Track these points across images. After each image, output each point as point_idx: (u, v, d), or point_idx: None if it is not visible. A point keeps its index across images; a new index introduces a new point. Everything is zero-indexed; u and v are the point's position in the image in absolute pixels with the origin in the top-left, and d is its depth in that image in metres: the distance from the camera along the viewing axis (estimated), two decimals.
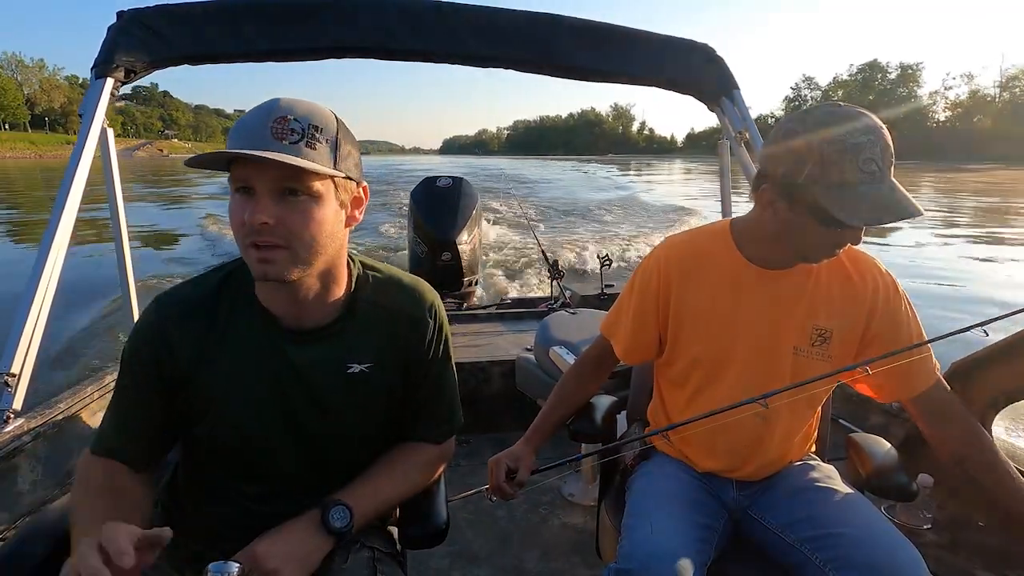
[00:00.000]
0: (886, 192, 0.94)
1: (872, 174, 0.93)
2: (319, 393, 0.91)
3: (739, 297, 1.14)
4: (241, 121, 0.79)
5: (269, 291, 0.88)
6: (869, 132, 0.94)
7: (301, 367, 0.89)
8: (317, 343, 0.90)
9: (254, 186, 0.77)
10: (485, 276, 6.30)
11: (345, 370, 0.92)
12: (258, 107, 0.79)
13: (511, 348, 2.93)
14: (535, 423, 1.31)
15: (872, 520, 1.03)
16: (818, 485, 1.13)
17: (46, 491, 1.58)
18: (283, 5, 2.13)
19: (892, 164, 0.95)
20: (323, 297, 0.89)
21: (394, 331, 0.96)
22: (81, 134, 1.95)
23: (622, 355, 1.28)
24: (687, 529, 1.06)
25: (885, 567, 0.94)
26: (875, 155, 0.93)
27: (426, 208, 4.11)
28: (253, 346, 0.88)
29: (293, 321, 0.89)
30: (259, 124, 0.76)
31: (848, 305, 1.11)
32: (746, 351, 1.14)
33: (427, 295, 1.00)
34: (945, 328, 1.09)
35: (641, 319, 1.22)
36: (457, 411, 1.08)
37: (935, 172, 44.89)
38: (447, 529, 1.00)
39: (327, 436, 0.94)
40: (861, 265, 1.13)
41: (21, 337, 1.66)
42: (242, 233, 0.78)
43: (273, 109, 0.77)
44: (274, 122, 0.76)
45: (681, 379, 1.22)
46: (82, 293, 6.40)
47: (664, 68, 2.41)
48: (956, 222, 15.21)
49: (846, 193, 0.93)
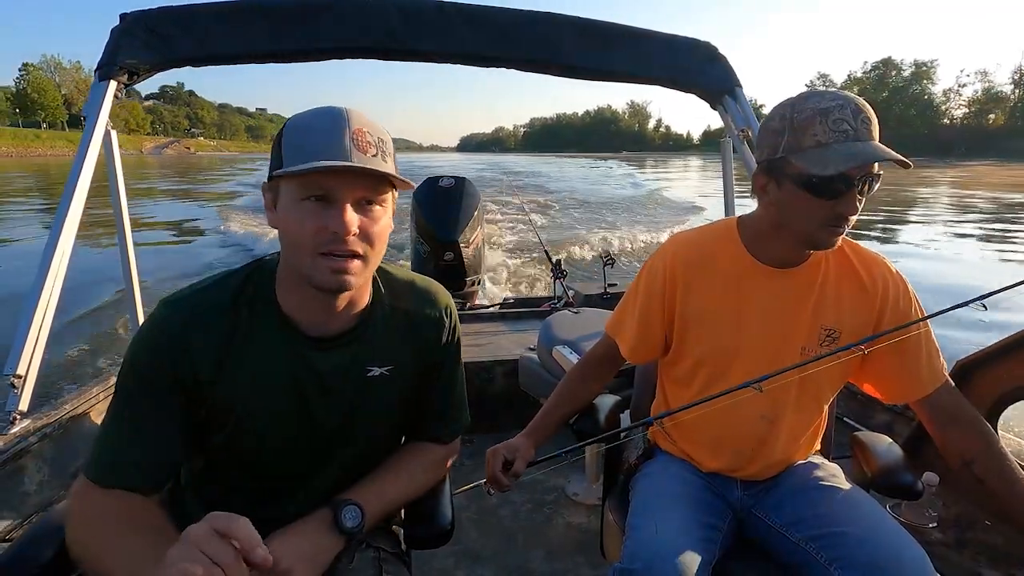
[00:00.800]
0: (860, 145, 0.95)
1: (845, 132, 0.95)
2: (339, 397, 0.91)
3: (745, 296, 1.13)
4: (310, 129, 0.77)
5: (304, 299, 0.85)
6: (837, 98, 0.96)
7: (323, 373, 0.89)
8: (339, 349, 0.90)
9: (337, 196, 0.76)
10: (489, 274, 6.31)
11: (365, 374, 0.92)
12: (324, 115, 0.78)
13: (514, 348, 2.93)
14: (536, 419, 1.30)
15: (877, 519, 1.03)
16: (823, 484, 1.13)
17: (52, 492, 1.59)
18: (284, 7, 2.13)
19: (871, 127, 0.95)
20: (353, 304, 0.89)
21: (412, 333, 0.97)
22: (85, 136, 1.96)
23: (628, 354, 1.27)
24: (692, 529, 1.05)
25: (890, 566, 0.93)
26: (845, 116, 0.95)
27: (429, 208, 4.12)
28: (275, 353, 0.86)
29: (317, 328, 0.88)
30: (339, 135, 0.75)
31: (857, 306, 1.10)
32: (752, 351, 1.13)
33: (442, 296, 1.02)
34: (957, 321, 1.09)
35: (647, 318, 1.21)
36: (465, 410, 1.09)
37: (942, 168, 44.99)
38: (452, 529, 1.00)
39: (342, 438, 0.94)
40: (871, 266, 1.12)
41: (27, 339, 1.67)
42: (316, 241, 0.76)
43: (346, 119, 0.77)
44: (354, 133, 0.76)
45: (686, 378, 1.21)
46: (88, 294, 6.44)
47: (666, 67, 2.41)
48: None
49: (821, 152, 0.95)
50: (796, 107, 0.98)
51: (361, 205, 0.78)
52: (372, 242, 0.80)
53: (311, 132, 0.77)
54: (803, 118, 0.97)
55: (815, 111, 0.96)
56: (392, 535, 1.07)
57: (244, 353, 0.85)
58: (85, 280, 6.71)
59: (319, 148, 0.75)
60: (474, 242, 4.12)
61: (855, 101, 0.97)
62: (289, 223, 0.77)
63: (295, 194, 0.77)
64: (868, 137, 0.95)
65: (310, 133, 0.76)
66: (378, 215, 0.80)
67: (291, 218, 0.77)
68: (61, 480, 1.62)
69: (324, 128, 0.76)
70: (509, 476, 1.17)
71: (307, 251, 0.77)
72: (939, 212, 17.63)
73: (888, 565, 0.93)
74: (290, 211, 0.77)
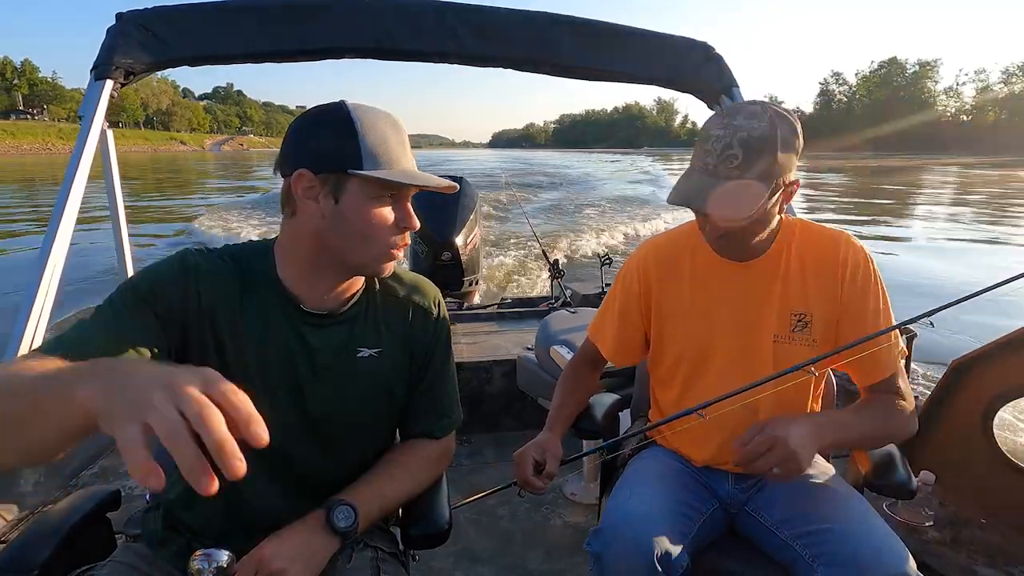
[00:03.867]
0: (694, 180, 1.01)
1: (705, 165, 1.00)
2: (327, 374, 0.93)
3: (713, 293, 1.17)
4: (386, 139, 0.85)
5: (302, 274, 0.91)
6: (726, 128, 0.98)
7: (316, 349, 0.92)
8: (332, 326, 0.94)
9: (406, 197, 0.89)
10: (485, 275, 6.30)
11: (356, 353, 0.96)
12: (389, 123, 0.87)
13: (512, 348, 2.93)
14: (551, 415, 1.31)
15: (863, 517, 1.03)
16: (812, 482, 1.13)
17: (48, 492, 1.58)
18: (281, 6, 2.13)
19: (734, 163, 0.97)
20: (350, 284, 0.95)
21: (403, 318, 1.01)
22: (81, 135, 1.95)
23: (610, 357, 1.31)
24: (667, 502, 1.08)
25: (870, 563, 0.94)
26: (715, 148, 0.98)
27: (425, 208, 4.10)
28: (272, 320, 0.90)
29: (314, 303, 0.92)
30: (404, 144, 0.88)
31: (823, 285, 1.11)
32: (726, 345, 1.16)
33: (431, 289, 1.06)
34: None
35: (625, 320, 1.26)
36: (457, 407, 1.10)
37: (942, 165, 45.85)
38: (450, 529, 1.00)
39: (329, 419, 0.95)
40: (831, 243, 1.13)
41: (24, 336, 1.66)
42: (392, 234, 0.88)
43: (399, 125, 0.88)
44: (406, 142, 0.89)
45: (668, 377, 1.25)
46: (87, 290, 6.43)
47: (663, 66, 2.41)
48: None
49: (680, 177, 1.04)
50: (705, 124, 1.04)
51: None
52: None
53: (387, 141, 0.85)
54: (699, 136, 1.04)
55: (702, 135, 1.02)
56: (390, 535, 1.07)
57: (245, 312, 0.89)
58: (84, 276, 6.70)
59: (396, 155, 0.85)
60: (472, 242, 4.12)
61: (739, 136, 0.98)
62: (362, 217, 0.85)
63: (371, 192, 0.84)
64: (726, 176, 0.98)
65: (387, 142, 0.85)
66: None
67: (366, 212, 0.85)
68: (58, 481, 1.62)
69: (394, 138, 0.86)
70: (543, 478, 1.17)
71: (383, 243, 0.87)
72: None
73: (868, 562, 0.94)
74: (363, 206, 0.85)
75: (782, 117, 1.00)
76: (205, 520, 0.94)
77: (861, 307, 1.10)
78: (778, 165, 0.99)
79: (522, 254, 8.43)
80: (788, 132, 0.99)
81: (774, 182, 1.00)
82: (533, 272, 7.36)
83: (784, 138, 0.98)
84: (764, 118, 0.98)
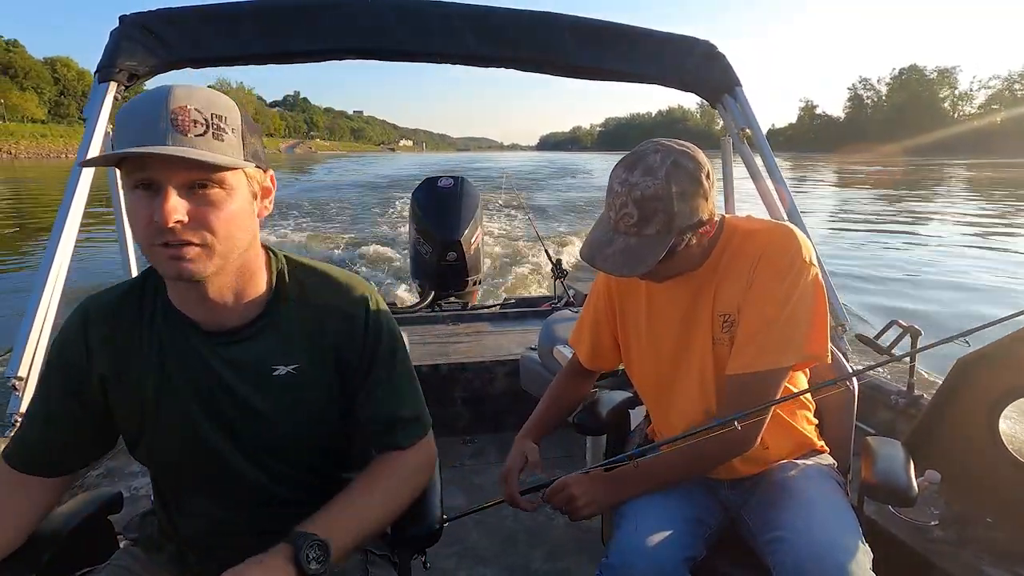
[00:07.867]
0: (598, 234, 1.05)
1: (608, 218, 1.04)
2: (246, 399, 0.85)
3: (656, 310, 1.20)
4: (130, 112, 0.72)
5: (181, 292, 0.82)
6: (623, 184, 1.01)
7: (223, 371, 0.84)
8: (236, 344, 0.85)
9: (160, 182, 0.70)
10: (488, 275, 6.31)
11: (271, 372, 0.85)
12: (148, 95, 0.71)
13: (515, 347, 2.93)
14: (531, 419, 1.34)
15: (836, 525, 1.01)
16: (795, 487, 1.12)
17: None
18: (283, 8, 2.13)
19: (631, 221, 1.00)
20: (240, 295, 0.83)
21: (322, 329, 0.88)
22: (85, 138, 1.96)
23: (586, 363, 1.36)
24: (674, 524, 1.08)
25: (814, 571, 0.93)
26: (615, 204, 1.02)
27: (428, 208, 4.12)
28: (174, 351, 0.84)
29: (211, 323, 0.84)
30: (156, 115, 0.69)
31: (742, 279, 1.09)
32: (672, 359, 1.18)
33: (360, 290, 0.93)
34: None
35: (596, 328, 1.32)
36: (421, 411, 0.97)
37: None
38: (441, 530, 0.97)
39: (269, 445, 0.88)
40: (762, 235, 1.10)
41: (28, 342, 1.67)
42: (148, 233, 0.71)
43: (169, 98, 0.70)
44: (173, 112, 0.70)
45: (640, 386, 1.30)
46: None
47: (666, 66, 2.41)
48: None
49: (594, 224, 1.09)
50: (611, 173, 1.04)
51: (192, 190, 0.72)
52: (213, 229, 0.73)
53: (131, 115, 0.71)
54: (607, 187, 1.05)
55: (609, 184, 1.04)
56: (381, 536, 1.04)
57: (144, 350, 0.85)
58: (88, 282, 6.72)
59: (136, 133, 0.69)
60: (475, 242, 4.13)
61: (632, 195, 0.98)
62: (127, 213, 0.77)
63: (127, 182, 0.72)
64: (625, 232, 1.01)
65: (130, 117, 0.71)
66: (216, 199, 0.73)
67: (127, 208, 0.75)
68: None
69: (143, 109, 0.71)
70: (528, 503, 1.19)
71: (144, 242, 0.73)
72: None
73: (813, 571, 0.94)
74: (126, 200, 0.76)
75: (678, 168, 0.98)
76: (192, 532, 0.93)
77: (765, 291, 1.04)
78: (676, 218, 0.99)
79: (525, 254, 8.43)
80: (686, 183, 0.99)
81: (673, 237, 1.00)
82: (536, 272, 7.36)
83: (680, 192, 0.98)
84: (660, 174, 0.98)
